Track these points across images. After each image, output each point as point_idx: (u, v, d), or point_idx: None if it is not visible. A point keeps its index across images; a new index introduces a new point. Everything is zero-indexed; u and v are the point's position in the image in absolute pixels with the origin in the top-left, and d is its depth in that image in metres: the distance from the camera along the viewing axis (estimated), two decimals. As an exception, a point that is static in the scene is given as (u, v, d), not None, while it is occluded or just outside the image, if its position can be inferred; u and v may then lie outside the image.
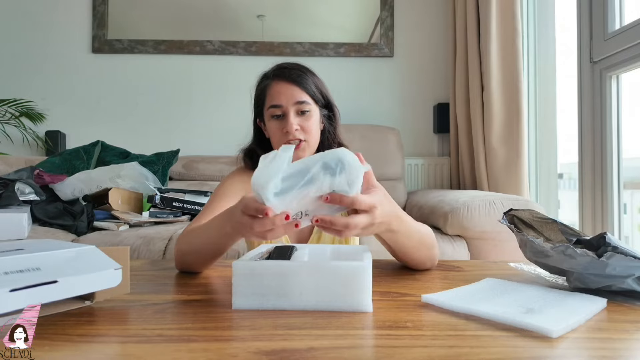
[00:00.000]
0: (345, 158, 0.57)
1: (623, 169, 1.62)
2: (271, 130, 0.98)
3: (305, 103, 0.96)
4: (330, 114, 1.04)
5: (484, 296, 0.61)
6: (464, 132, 2.34)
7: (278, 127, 0.96)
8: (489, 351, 0.44)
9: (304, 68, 1.00)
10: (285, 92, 0.95)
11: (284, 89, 0.96)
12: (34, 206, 1.66)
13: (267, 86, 0.99)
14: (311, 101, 0.97)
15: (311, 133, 0.97)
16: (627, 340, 0.49)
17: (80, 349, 0.45)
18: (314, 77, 1.00)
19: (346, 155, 0.57)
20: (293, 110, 0.95)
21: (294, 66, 0.99)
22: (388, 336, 0.48)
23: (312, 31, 2.66)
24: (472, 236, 1.61)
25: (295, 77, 0.97)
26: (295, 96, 0.95)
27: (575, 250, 0.63)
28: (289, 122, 0.94)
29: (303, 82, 0.97)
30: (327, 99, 1.02)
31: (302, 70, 0.99)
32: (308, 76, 0.99)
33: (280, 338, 0.46)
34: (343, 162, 0.57)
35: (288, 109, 0.95)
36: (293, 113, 0.95)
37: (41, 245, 0.55)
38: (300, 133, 0.95)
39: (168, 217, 1.82)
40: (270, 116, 0.97)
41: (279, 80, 0.97)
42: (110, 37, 2.64)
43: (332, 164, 0.57)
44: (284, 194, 0.55)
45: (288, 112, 0.95)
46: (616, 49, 1.57)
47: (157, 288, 0.69)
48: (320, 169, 0.56)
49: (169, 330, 0.49)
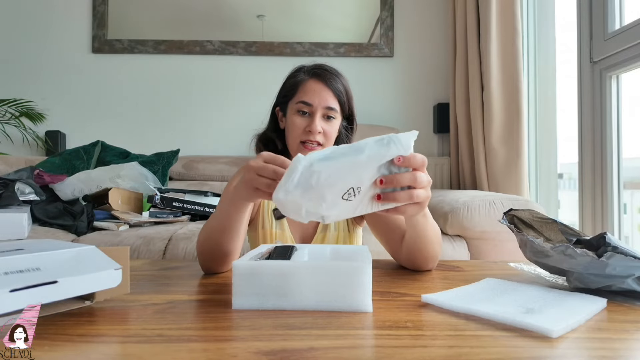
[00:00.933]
0: (396, 135, 0.55)
1: (623, 168, 1.62)
2: (293, 124, 0.98)
3: (334, 110, 0.97)
4: (349, 127, 1.06)
5: (484, 296, 0.61)
6: (464, 132, 2.34)
7: (301, 124, 0.97)
8: (489, 351, 0.44)
9: (340, 74, 1.02)
10: (319, 93, 0.97)
11: (319, 89, 0.97)
12: (34, 206, 1.66)
13: (302, 81, 0.99)
14: (339, 109, 0.99)
15: (330, 140, 0.99)
16: (627, 340, 0.49)
17: (80, 349, 0.45)
18: (348, 86, 1.02)
19: (395, 134, 0.56)
20: (321, 112, 0.97)
21: (333, 71, 1.01)
22: (388, 336, 0.48)
23: (312, 31, 2.67)
24: (472, 236, 1.61)
25: (333, 82, 0.98)
26: (327, 100, 0.97)
27: (575, 250, 0.63)
28: (314, 122, 0.95)
29: (338, 89, 0.98)
30: (352, 111, 1.03)
31: (339, 76, 1.01)
32: (344, 85, 1.00)
33: (280, 338, 0.46)
34: (393, 138, 0.54)
35: (317, 110, 0.96)
36: (320, 115, 0.97)
37: (41, 245, 0.55)
38: (321, 137, 0.97)
39: (168, 217, 1.82)
40: (297, 110, 0.98)
41: (316, 79, 0.98)
42: (110, 37, 2.64)
43: (384, 140, 0.54)
44: (330, 160, 0.52)
45: (315, 113, 0.96)
46: (616, 48, 1.57)
47: (157, 288, 0.69)
48: (372, 141, 0.54)
49: (168, 330, 0.49)
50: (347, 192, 0.53)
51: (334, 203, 0.54)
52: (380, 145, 0.54)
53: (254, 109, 2.48)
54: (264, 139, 1.06)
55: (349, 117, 1.05)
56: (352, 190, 0.53)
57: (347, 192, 0.53)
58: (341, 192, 0.54)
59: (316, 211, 0.55)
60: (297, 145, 0.97)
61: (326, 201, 0.54)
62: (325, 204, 0.54)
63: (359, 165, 0.53)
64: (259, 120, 1.09)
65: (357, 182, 0.54)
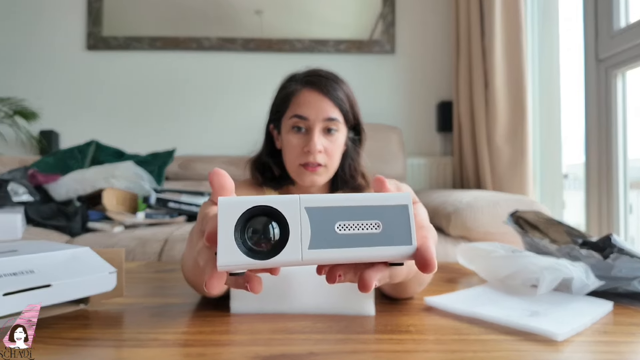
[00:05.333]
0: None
1: (629, 169, 1.61)
2: (288, 144, 0.84)
3: (335, 121, 0.83)
4: (356, 138, 0.91)
5: (488, 299, 0.60)
6: (468, 130, 2.32)
7: (298, 143, 0.83)
8: (493, 355, 0.43)
9: (340, 79, 0.87)
10: (316, 105, 0.82)
11: (315, 99, 0.83)
12: (28, 207, 1.64)
13: (295, 92, 0.85)
14: (342, 120, 0.84)
15: (334, 158, 0.85)
16: (633, 343, 0.48)
17: (75, 352, 0.44)
18: (350, 92, 0.88)
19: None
20: (319, 127, 0.82)
21: (329, 75, 0.87)
22: (390, 340, 0.47)
23: (311, 27, 2.65)
24: (476, 238, 1.59)
25: (331, 89, 0.83)
26: (326, 111, 0.82)
27: (580, 251, 0.62)
28: (312, 141, 0.81)
29: (338, 97, 0.84)
30: (358, 120, 0.89)
31: (338, 82, 0.86)
32: (344, 90, 0.86)
33: (279, 343, 0.46)
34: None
35: (314, 124, 0.82)
36: (319, 131, 0.82)
37: (35, 246, 0.54)
38: (322, 156, 0.83)
39: (164, 218, 1.80)
40: (291, 127, 0.84)
41: (311, 88, 0.84)
42: (105, 34, 2.61)
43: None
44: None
45: (313, 129, 0.82)
46: (622, 46, 1.56)
47: (152, 291, 0.69)
48: None
49: (164, 334, 0.48)
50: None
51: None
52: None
53: (252, 107, 2.47)
54: (259, 164, 0.92)
55: (355, 127, 0.90)
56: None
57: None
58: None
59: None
60: (296, 169, 0.85)
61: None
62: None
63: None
64: (257, 120, 1.00)
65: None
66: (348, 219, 0.31)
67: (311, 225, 0.31)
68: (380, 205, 0.32)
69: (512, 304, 0.57)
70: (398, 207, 0.32)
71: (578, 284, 0.60)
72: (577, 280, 0.60)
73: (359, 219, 0.31)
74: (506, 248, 0.72)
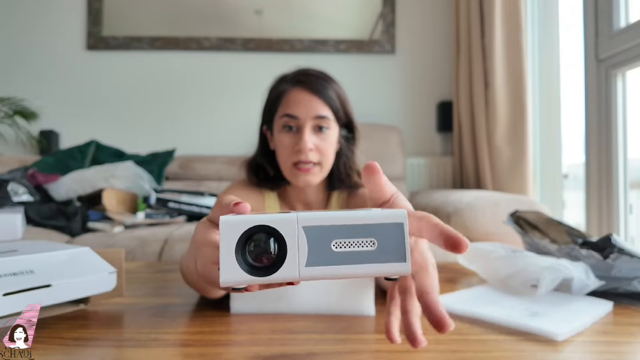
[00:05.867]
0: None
1: (629, 169, 1.60)
2: (280, 144, 0.85)
3: (325, 118, 0.83)
4: (349, 136, 0.91)
5: (488, 299, 0.60)
6: (468, 130, 2.32)
7: (289, 143, 0.83)
8: (493, 355, 0.43)
9: (330, 78, 0.88)
10: (305, 103, 0.83)
11: (304, 98, 0.83)
12: (28, 207, 1.64)
13: (284, 91, 0.86)
14: (332, 117, 0.85)
15: (326, 155, 0.85)
16: (633, 343, 0.48)
17: (75, 352, 0.44)
18: (341, 90, 0.88)
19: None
20: (310, 125, 0.83)
21: (319, 74, 0.87)
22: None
23: (311, 27, 2.64)
24: (476, 238, 1.59)
25: (320, 87, 0.84)
26: (315, 109, 0.83)
27: (580, 251, 0.62)
28: (303, 139, 0.81)
29: (327, 95, 0.84)
30: (350, 118, 0.89)
31: (327, 81, 0.87)
32: (334, 88, 0.86)
33: (279, 343, 0.45)
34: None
35: (305, 122, 0.83)
36: (309, 129, 0.83)
37: (35, 246, 0.54)
38: (314, 154, 0.83)
39: (164, 218, 1.80)
40: (282, 126, 0.85)
41: (300, 87, 0.85)
42: (105, 33, 2.61)
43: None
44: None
45: (303, 127, 0.82)
46: (622, 46, 1.55)
47: (152, 291, 0.69)
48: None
49: (164, 334, 0.48)
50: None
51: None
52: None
53: (251, 107, 2.45)
54: (253, 166, 0.93)
55: (348, 125, 0.90)
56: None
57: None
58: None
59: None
60: (289, 168, 0.85)
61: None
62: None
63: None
64: (257, 119, 1.01)
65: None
66: (344, 237, 0.32)
67: (308, 243, 0.32)
68: (376, 224, 0.33)
69: (512, 304, 0.57)
70: (393, 225, 0.33)
71: (578, 284, 0.60)
72: (577, 280, 0.60)
73: (354, 237, 0.32)
74: (506, 248, 0.72)
